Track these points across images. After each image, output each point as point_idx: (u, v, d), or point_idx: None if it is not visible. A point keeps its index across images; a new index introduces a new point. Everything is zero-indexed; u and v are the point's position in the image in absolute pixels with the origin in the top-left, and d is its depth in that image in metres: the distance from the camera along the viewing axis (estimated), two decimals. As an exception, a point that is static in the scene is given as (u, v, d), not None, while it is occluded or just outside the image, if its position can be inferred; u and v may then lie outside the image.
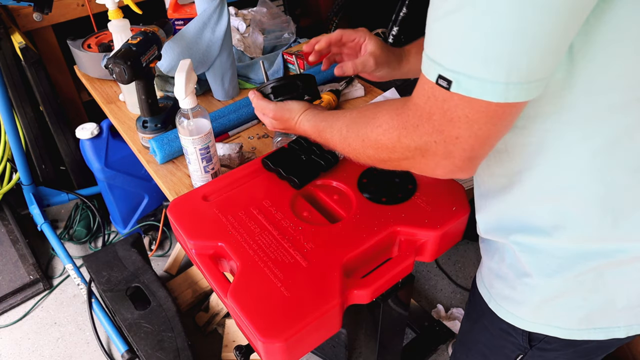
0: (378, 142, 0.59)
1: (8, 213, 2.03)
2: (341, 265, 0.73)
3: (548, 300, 0.64)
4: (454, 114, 0.48)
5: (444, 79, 0.47)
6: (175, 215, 0.83)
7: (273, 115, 0.83)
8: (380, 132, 0.58)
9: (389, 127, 0.56)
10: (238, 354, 0.99)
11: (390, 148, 0.57)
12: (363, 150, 0.63)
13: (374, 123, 0.59)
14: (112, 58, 0.97)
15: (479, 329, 0.78)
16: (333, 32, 0.90)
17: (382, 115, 0.58)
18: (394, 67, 0.88)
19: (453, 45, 0.45)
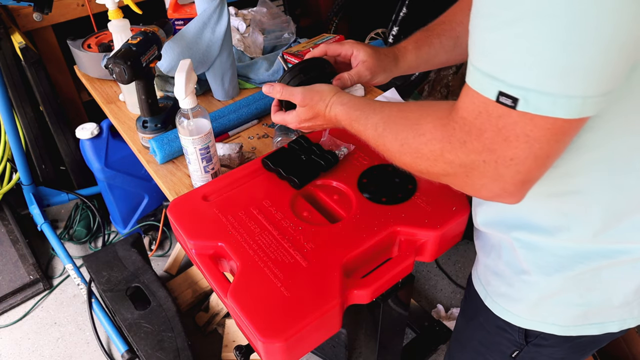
0: (418, 151, 0.54)
1: (8, 213, 2.03)
2: (341, 265, 0.73)
3: (545, 298, 0.64)
4: (511, 132, 0.44)
5: (507, 97, 0.42)
6: (175, 215, 0.83)
7: (301, 99, 0.75)
8: (422, 142, 0.53)
9: (432, 138, 0.51)
10: (238, 354, 0.99)
11: (431, 160, 0.52)
12: (399, 155, 0.58)
13: (417, 130, 0.54)
14: (112, 58, 0.97)
15: (475, 326, 0.78)
16: (315, 49, 0.85)
17: (426, 123, 0.53)
18: (391, 69, 0.84)
19: (520, 59, 0.41)
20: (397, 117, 0.60)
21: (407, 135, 0.56)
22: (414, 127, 0.55)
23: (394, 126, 0.59)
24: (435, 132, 0.51)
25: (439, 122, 0.51)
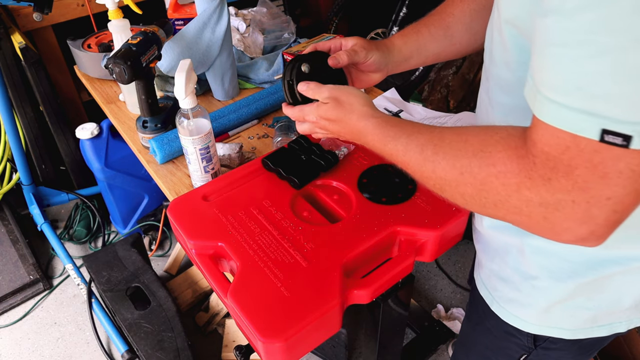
0: (486, 183, 0.47)
1: (8, 213, 2.03)
2: (341, 265, 0.73)
3: (556, 303, 0.63)
4: (612, 169, 0.38)
5: (615, 134, 0.37)
6: (175, 215, 0.83)
7: (329, 94, 0.68)
8: (492, 173, 0.46)
9: (506, 171, 0.45)
10: (238, 354, 0.99)
11: (502, 195, 0.46)
12: (457, 185, 0.51)
13: (484, 158, 0.47)
14: (112, 58, 0.97)
15: (481, 331, 0.78)
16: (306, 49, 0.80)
17: (497, 151, 0.47)
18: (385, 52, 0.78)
19: (635, 90, 0.35)
20: (453, 140, 0.52)
21: (469, 163, 0.49)
22: (480, 154, 0.48)
23: (449, 150, 0.52)
24: (510, 164, 0.45)
25: (513, 153, 0.45)
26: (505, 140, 0.47)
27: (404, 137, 0.58)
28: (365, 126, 0.64)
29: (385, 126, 0.62)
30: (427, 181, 0.55)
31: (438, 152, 0.53)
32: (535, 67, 0.41)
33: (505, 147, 0.46)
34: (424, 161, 0.55)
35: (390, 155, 0.60)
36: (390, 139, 0.60)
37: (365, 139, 0.64)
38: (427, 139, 0.55)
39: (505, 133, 0.48)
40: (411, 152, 0.56)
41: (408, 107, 1.22)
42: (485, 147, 0.48)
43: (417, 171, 0.56)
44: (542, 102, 0.40)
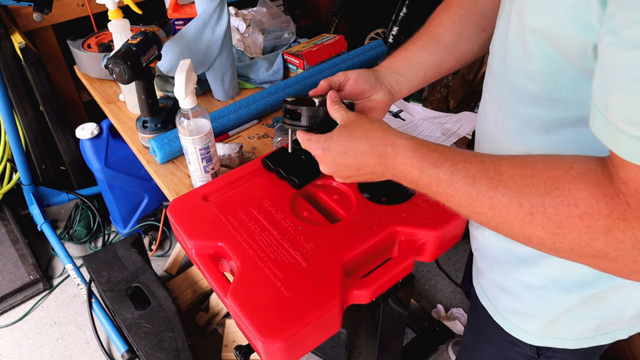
0: (565, 226, 0.42)
1: (8, 213, 2.03)
2: (341, 265, 0.73)
3: (562, 314, 0.62)
4: None
5: None
6: (175, 215, 0.83)
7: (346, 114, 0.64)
8: (575, 214, 0.41)
9: (592, 211, 0.41)
10: (238, 354, 0.99)
11: (585, 239, 0.42)
12: (522, 225, 0.45)
13: (563, 197, 0.42)
14: (112, 58, 0.97)
15: (483, 341, 0.77)
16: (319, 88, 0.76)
17: (577, 189, 0.42)
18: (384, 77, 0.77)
19: None
20: (515, 174, 0.46)
21: (542, 202, 0.43)
22: (555, 192, 0.43)
23: (512, 186, 0.46)
24: (597, 204, 0.40)
25: (598, 191, 0.41)
26: (586, 177, 0.42)
27: (448, 164, 0.51)
28: (394, 148, 0.56)
29: (421, 149, 0.54)
30: (480, 217, 0.49)
31: (497, 187, 0.47)
32: (612, 103, 0.37)
33: (587, 184, 0.41)
34: (477, 195, 0.48)
35: (428, 185, 0.53)
36: (430, 166, 0.52)
37: (393, 163, 0.57)
38: (479, 170, 0.49)
39: (582, 168, 0.43)
40: (458, 183, 0.50)
41: (408, 107, 1.22)
42: (561, 183, 0.43)
43: (466, 205, 0.50)
44: (628, 141, 0.37)
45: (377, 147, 0.58)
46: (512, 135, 0.58)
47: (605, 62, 0.38)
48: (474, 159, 0.50)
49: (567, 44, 0.45)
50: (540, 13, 0.46)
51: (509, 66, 0.55)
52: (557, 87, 0.49)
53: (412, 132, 1.10)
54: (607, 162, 0.41)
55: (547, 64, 0.48)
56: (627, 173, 0.38)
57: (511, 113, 0.57)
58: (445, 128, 1.08)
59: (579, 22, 0.42)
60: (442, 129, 1.08)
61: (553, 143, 0.53)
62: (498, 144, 0.62)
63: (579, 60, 0.45)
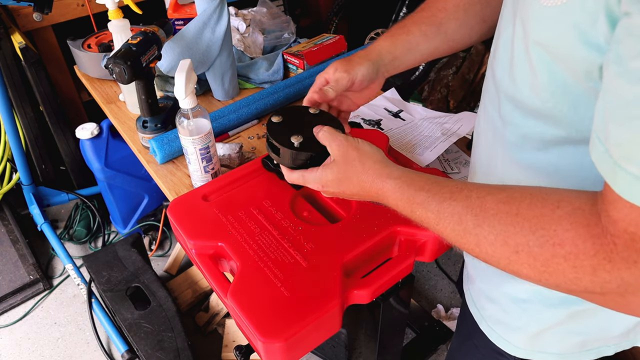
0: (551, 265, 0.42)
1: (8, 213, 2.03)
2: (341, 265, 0.73)
3: (547, 328, 0.62)
4: None
5: None
6: (175, 215, 0.83)
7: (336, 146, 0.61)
8: (560, 254, 0.41)
9: (577, 252, 0.40)
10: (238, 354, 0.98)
11: (570, 277, 0.41)
12: (509, 263, 0.45)
13: (546, 237, 0.42)
14: (112, 58, 0.97)
15: (469, 347, 0.77)
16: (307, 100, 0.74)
17: (563, 230, 0.41)
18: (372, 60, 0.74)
19: None
20: (500, 211, 0.46)
21: (526, 241, 0.43)
22: (540, 232, 0.42)
23: (497, 225, 0.45)
24: (583, 244, 0.40)
25: (585, 232, 0.40)
26: (572, 217, 0.41)
27: (434, 203, 0.51)
28: (383, 189, 0.56)
29: (408, 190, 0.54)
30: (470, 252, 0.49)
31: (482, 225, 0.46)
32: (613, 137, 0.36)
33: (573, 224, 0.41)
34: (463, 233, 0.48)
35: (420, 222, 0.53)
36: (418, 206, 0.53)
37: (387, 202, 0.57)
38: (464, 207, 0.48)
39: (569, 207, 0.42)
40: (446, 222, 0.50)
41: (408, 107, 1.22)
42: (546, 224, 0.42)
43: (456, 242, 0.50)
44: (626, 179, 0.36)
45: (370, 192, 0.59)
46: (510, 150, 0.56)
47: (609, 91, 0.37)
48: (459, 195, 0.50)
49: (572, 62, 0.43)
50: (544, 28, 0.45)
51: (514, 77, 0.53)
52: (558, 105, 0.47)
53: (412, 132, 1.10)
54: (598, 198, 0.40)
55: (550, 80, 0.47)
56: (618, 211, 0.38)
57: (511, 124, 0.55)
58: (445, 128, 1.08)
59: (584, 41, 0.40)
60: (442, 129, 1.08)
61: (551, 161, 0.52)
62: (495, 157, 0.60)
63: (584, 80, 0.43)
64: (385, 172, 0.57)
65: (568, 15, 0.40)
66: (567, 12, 0.40)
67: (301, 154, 0.65)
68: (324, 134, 0.63)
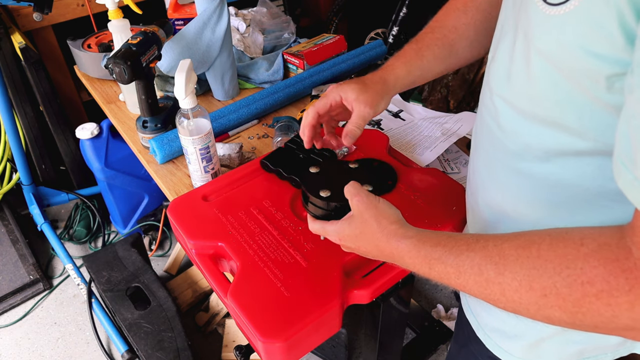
0: (583, 305, 0.40)
1: (8, 213, 2.03)
2: (341, 265, 0.73)
3: (545, 338, 0.62)
4: None
5: None
6: (175, 215, 0.83)
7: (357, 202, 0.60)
8: (590, 293, 0.39)
9: (610, 289, 0.38)
10: (238, 354, 0.99)
11: (607, 317, 0.39)
12: (539, 308, 0.43)
13: (575, 277, 0.40)
14: (112, 58, 0.97)
15: (466, 354, 0.77)
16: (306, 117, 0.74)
17: (591, 267, 0.40)
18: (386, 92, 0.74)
19: None
20: (520, 256, 0.44)
21: (552, 282, 0.41)
22: (565, 271, 0.41)
23: (519, 270, 0.44)
24: (615, 280, 0.38)
25: (616, 267, 0.38)
26: (599, 253, 0.40)
27: (452, 257, 0.50)
28: (399, 248, 0.56)
29: (424, 247, 0.53)
30: (496, 304, 0.47)
31: (503, 272, 0.45)
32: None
33: (601, 261, 0.39)
34: (486, 283, 0.47)
35: (440, 279, 0.52)
36: (436, 262, 0.51)
37: (403, 261, 0.56)
38: (482, 257, 0.47)
39: (594, 244, 0.40)
40: (466, 275, 0.48)
41: (408, 107, 1.22)
42: (571, 262, 0.41)
43: (480, 294, 0.48)
44: None
45: (384, 251, 0.58)
46: (509, 158, 0.55)
47: (635, 117, 0.36)
48: (476, 245, 0.49)
49: (576, 72, 0.42)
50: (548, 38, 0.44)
51: (512, 86, 0.52)
52: (563, 115, 0.46)
53: (412, 132, 1.10)
54: (624, 232, 0.39)
55: (553, 90, 0.46)
56: None
57: (512, 133, 0.54)
58: (445, 128, 1.08)
59: (589, 52, 0.39)
60: (442, 129, 1.08)
61: (552, 171, 0.51)
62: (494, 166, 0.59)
63: (588, 91, 0.42)
64: (400, 232, 0.57)
65: (573, 25, 0.40)
66: (572, 22, 0.39)
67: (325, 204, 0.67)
68: (349, 188, 0.63)
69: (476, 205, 0.66)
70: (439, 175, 0.89)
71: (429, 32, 0.75)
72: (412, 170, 0.90)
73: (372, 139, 0.98)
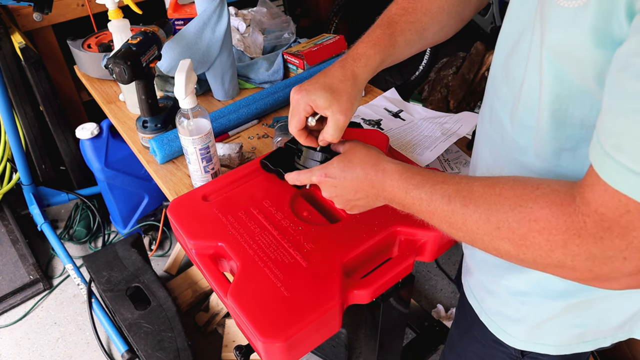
0: (527, 238, 0.46)
1: (8, 213, 2.03)
2: (341, 265, 0.73)
3: (545, 321, 0.63)
4: None
5: None
6: (175, 215, 0.83)
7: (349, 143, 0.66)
8: (535, 229, 0.45)
9: (550, 227, 0.44)
10: (238, 354, 0.99)
11: (544, 250, 0.45)
12: (491, 239, 0.49)
13: (524, 213, 0.46)
14: (112, 58, 0.97)
15: (470, 339, 0.78)
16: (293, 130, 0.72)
17: (539, 208, 0.45)
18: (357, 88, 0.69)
19: None
20: (485, 193, 0.50)
21: (506, 217, 0.47)
22: (518, 209, 0.46)
23: (482, 203, 0.50)
24: (556, 220, 0.44)
25: (558, 210, 0.44)
26: (549, 197, 0.45)
27: (428, 185, 0.55)
28: (384, 173, 0.60)
29: (406, 173, 0.59)
30: (456, 233, 0.53)
31: (468, 205, 0.51)
32: (608, 127, 0.39)
33: (549, 203, 0.45)
34: (452, 213, 0.52)
35: (412, 205, 0.57)
36: (413, 187, 0.57)
37: (383, 186, 0.60)
38: (454, 190, 0.53)
39: (547, 189, 0.46)
40: (437, 202, 0.54)
41: (408, 107, 1.22)
42: (525, 202, 0.46)
43: (444, 222, 0.54)
44: (614, 167, 0.38)
45: (369, 172, 0.62)
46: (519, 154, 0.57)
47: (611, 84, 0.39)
48: (451, 181, 0.54)
49: (583, 64, 0.44)
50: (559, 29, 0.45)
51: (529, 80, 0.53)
52: (569, 109, 0.48)
53: (412, 132, 1.10)
54: (575, 183, 0.44)
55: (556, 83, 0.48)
56: (593, 193, 0.41)
57: (525, 128, 0.55)
58: (445, 128, 1.08)
59: (599, 43, 0.41)
60: (442, 129, 1.08)
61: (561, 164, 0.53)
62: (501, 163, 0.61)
63: (593, 84, 0.44)
64: (387, 158, 0.63)
65: (584, 17, 0.41)
66: (584, 14, 0.41)
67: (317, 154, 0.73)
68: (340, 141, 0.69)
69: None
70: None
71: (402, 14, 0.71)
72: (412, 170, 0.90)
73: (372, 139, 0.98)
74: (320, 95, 0.66)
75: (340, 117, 0.66)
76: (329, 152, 0.73)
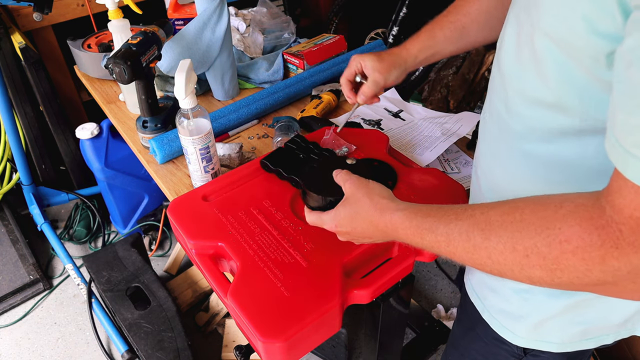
0: (560, 262, 0.43)
1: (8, 213, 2.03)
2: (341, 265, 0.73)
3: (548, 318, 0.64)
4: None
5: None
6: (175, 215, 0.83)
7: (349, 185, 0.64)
8: (567, 250, 0.42)
9: (584, 245, 0.41)
10: (238, 354, 0.98)
11: (581, 271, 0.42)
12: (521, 268, 0.46)
13: (554, 236, 0.43)
14: (112, 58, 0.97)
15: (472, 337, 0.78)
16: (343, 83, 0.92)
17: (568, 226, 0.42)
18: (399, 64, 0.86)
19: None
20: (505, 221, 0.47)
21: (534, 243, 0.44)
22: (546, 232, 0.44)
23: (503, 233, 0.47)
24: (589, 237, 0.41)
25: (590, 225, 0.41)
26: (576, 213, 0.42)
27: (442, 226, 0.53)
28: (392, 221, 0.58)
29: (416, 217, 0.56)
30: (483, 268, 0.50)
31: (489, 237, 0.48)
32: (624, 125, 0.38)
33: (578, 220, 0.42)
34: (474, 249, 0.49)
35: (432, 248, 0.55)
36: (427, 232, 0.54)
37: (396, 234, 0.59)
38: (470, 224, 0.50)
39: (572, 205, 0.43)
40: (455, 242, 0.51)
41: (408, 107, 1.22)
42: (551, 223, 0.44)
43: (468, 260, 0.51)
44: (634, 163, 0.37)
45: (378, 226, 0.60)
46: (515, 141, 0.57)
47: (620, 82, 0.38)
48: (464, 214, 0.51)
49: (578, 50, 0.44)
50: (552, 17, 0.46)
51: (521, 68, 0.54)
52: (565, 95, 0.48)
53: (412, 132, 1.10)
54: (600, 195, 0.42)
55: (556, 70, 0.48)
56: (623, 198, 0.39)
57: (518, 115, 0.56)
58: (445, 128, 1.08)
59: (592, 30, 0.41)
60: (442, 129, 1.08)
61: (555, 152, 0.53)
62: (498, 149, 0.62)
63: (589, 69, 0.44)
64: (392, 205, 0.59)
65: (577, 5, 0.41)
66: (576, 2, 0.41)
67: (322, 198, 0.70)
68: (341, 175, 0.67)
69: (480, 192, 0.68)
70: (439, 176, 0.89)
71: (444, 15, 0.84)
72: (412, 171, 0.90)
73: (372, 139, 0.98)
74: (369, 58, 0.87)
75: (378, 75, 0.86)
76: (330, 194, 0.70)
